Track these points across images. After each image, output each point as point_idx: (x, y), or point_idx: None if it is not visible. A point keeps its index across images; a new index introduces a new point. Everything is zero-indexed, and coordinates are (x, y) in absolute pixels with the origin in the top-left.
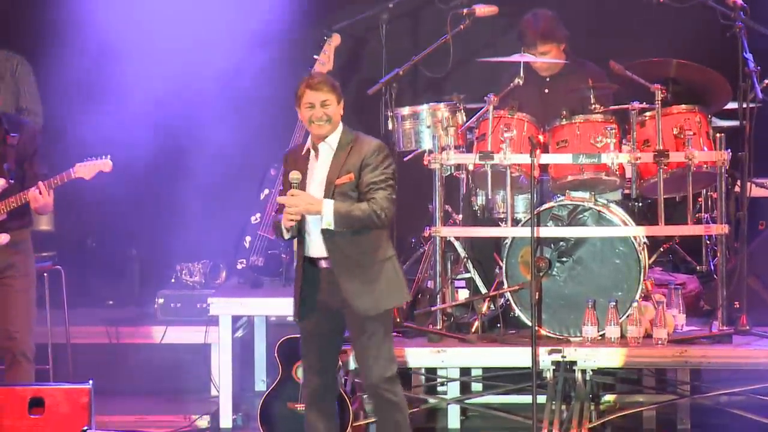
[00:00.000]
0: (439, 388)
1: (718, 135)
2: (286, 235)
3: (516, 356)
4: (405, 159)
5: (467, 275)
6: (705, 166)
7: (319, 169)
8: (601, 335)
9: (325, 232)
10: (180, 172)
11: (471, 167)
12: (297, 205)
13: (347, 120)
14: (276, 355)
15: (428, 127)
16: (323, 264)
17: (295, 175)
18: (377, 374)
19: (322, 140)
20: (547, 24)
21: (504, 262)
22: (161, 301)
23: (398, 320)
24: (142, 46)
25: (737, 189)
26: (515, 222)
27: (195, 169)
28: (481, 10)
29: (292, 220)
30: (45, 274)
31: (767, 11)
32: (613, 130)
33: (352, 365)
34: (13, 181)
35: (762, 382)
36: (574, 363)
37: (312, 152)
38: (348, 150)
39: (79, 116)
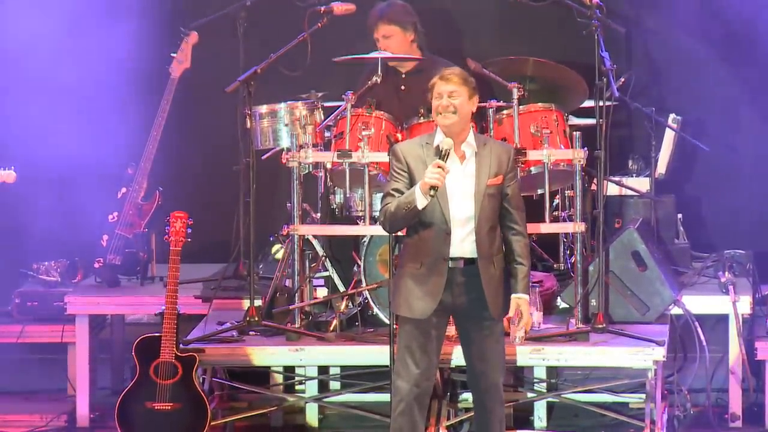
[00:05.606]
0: (298, 387)
1: (574, 133)
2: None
3: (374, 354)
4: (263, 157)
5: (325, 274)
6: (562, 164)
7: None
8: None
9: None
10: (35, 169)
11: (329, 165)
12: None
13: (204, 118)
14: (133, 354)
15: (286, 125)
16: None
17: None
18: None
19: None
20: (394, 9)
21: (362, 260)
22: (17, 300)
23: (256, 318)
24: None
25: (594, 187)
26: (373, 220)
27: (51, 167)
28: (339, 8)
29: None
30: None
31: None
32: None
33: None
34: None
35: (618, 380)
36: None
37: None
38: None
39: None
